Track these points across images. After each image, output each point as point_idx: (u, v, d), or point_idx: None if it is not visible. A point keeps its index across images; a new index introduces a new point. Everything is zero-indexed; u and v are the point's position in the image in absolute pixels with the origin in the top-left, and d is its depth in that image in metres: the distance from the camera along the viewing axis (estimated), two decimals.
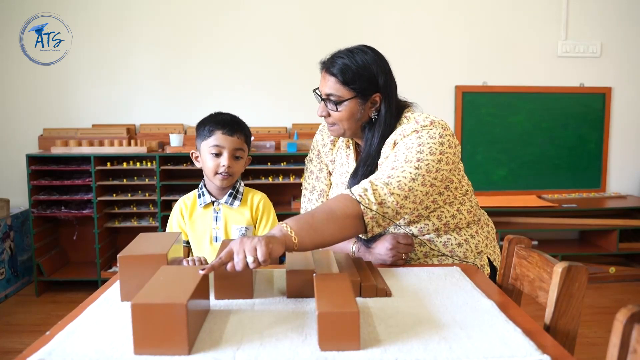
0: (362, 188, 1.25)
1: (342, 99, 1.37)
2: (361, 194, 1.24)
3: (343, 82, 1.36)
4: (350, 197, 1.24)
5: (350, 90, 1.37)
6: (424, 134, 1.33)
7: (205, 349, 0.86)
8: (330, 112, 1.41)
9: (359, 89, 1.37)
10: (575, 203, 3.50)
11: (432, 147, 1.31)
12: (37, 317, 2.88)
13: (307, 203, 1.61)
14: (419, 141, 1.32)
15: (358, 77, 1.37)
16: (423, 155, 1.30)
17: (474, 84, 3.66)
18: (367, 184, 1.26)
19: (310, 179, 1.63)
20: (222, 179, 1.52)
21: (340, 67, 1.37)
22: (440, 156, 1.32)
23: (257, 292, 1.13)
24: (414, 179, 1.27)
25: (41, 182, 3.18)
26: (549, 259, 1.12)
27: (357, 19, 3.55)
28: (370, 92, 1.39)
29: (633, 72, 3.73)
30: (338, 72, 1.37)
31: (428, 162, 1.30)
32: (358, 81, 1.37)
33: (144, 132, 3.49)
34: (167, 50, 3.52)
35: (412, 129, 1.35)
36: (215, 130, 1.51)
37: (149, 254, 1.07)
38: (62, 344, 0.89)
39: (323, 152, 1.60)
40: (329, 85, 1.38)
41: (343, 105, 1.38)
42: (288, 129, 3.60)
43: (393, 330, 0.93)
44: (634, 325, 0.73)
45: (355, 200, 1.23)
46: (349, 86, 1.37)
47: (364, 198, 1.23)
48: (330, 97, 1.38)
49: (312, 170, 1.63)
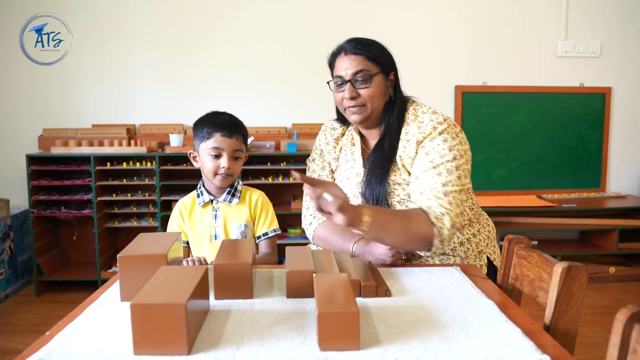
0: (439, 212, 1.31)
1: (372, 73, 1.41)
2: (438, 216, 1.30)
3: (371, 58, 1.41)
4: (428, 218, 1.30)
5: (377, 65, 1.42)
6: (447, 137, 1.38)
7: (205, 349, 0.86)
8: (359, 92, 1.41)
9: (383, 64, 1.43)
10: (575, 203, 3.50)
11: (459, 149, 1.39)
12: (37, 317, 2.88)
13: (309, 202, 1.61)
14: (448, 145, 1.37)
15: (380, 52, 1.43)
16: (458, 162, 1.37)
17: (473, 84, 3.66)
18: (443, 209, 1.31)
19: None
20: (221, 179, 1.54)
21: (366, 45, 1.42)
22: (467, 157, 1.40)
23: (257, 292, 1.13)
24: (461, 191, 1.36)
25: (41, 182, 3.18)
26: (548, 259, 1.12)
27: (357, 19, 3.54)
28: (389, 69, 1.46)
29: (633, 72, 3.73)
30: (365, 49, 1.41)
31: (462, 167, 1.37)
32: (381, 57, 1.43)
33: (144, 132, 3.49)
34: (167, 50, 3.52)
35: (432, 127, 1.39)
36: (214, 132, 1.52)
37: (149, 254, 1.07)
38: (62, 344, 0.89)
39: (326, 150, 1.61)
40: (356, 63, 1.40)
41: (374, 79, 1.41)
42: (288, 129, 3.60)
43: (393, 330, 0.93)
44: (634, 325, 0.73)
45: (431, 223, 1.29)
46: (376, 61, 1.42)
47: (440, 220, 1.30)
48: (359, 76, 1.40)
49: (314, 169, 1.64)
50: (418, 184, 1.38)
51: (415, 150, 1.41)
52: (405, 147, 1.43)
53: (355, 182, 1.52)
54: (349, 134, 1.59)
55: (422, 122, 1.42)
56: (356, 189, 1.50)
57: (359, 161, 1.53)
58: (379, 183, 1.43)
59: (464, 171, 1.38)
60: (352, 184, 1.52)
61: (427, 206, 1.33)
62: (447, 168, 1.36)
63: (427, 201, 1.34)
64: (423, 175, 1.37)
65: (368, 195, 1.45)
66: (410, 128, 1.43)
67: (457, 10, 3.61)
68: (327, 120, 1.67)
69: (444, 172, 1.35)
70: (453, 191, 1.35)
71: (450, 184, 1.35)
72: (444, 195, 1.33)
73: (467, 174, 1.39)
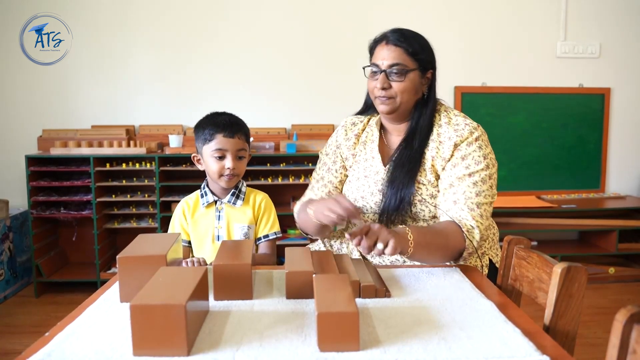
0: (470, 225, 1.34)
1: (408, 68, 1.41)
2: (469, 229, 1.33)
3: (411, 53, 1.41)
4: (460, 231, 1.33)
5: (415, 61, 1.42)
6: (482, 144, 1.41)
7: (205, 350, 0.86)
8: (391, 84, 1.41)
9: (421, 61, 1.43)
10: (575, 203, 3.50)
11: (491, 158, 1.42)
12: (36, 318, 2.87)
13: (309, 191, 1.63)
14: (482, 152, 1.40)
15: (422, 49, 1.43)
16: (490, 170, 1.40)
17: (473, 85, 3.66)
18: (475, 222, 1.34)
19: (322, 170, 1.63)
20: (227, 180, 1.54)
21: (409, 39, 1.41)
22: (496, 166, 1.43)
23: (257, 293, 1.13)
24: (491, 203, 1.40)
25: (40, 183, 3.17)
26: (548, 260, 1.12)
27: (356, 20, 3.54)
28: (428, 67, 1.46)
29: (632, 72, 3.73)
30: (407, 43, 1.41)
31: (494, 177, 1.41)
32: (422, 53, 1.43)
33: (144, 133, 3.49)
34: (166, 51, 3.52)
35: (469, 132, 1.41)
36: (216, 133, 1.52)
37: (149, 255, 1.07)
38: (61, 345, 0.89)
39: (345, 145, 1.59)
40: (394, 55, 1.40)
41: (409, 75, 1.41)
42: (287, 129, 3.60)
43: (392, 331, 0.93)
44: (633, 326, 0.73)
45: (463, 235, 1.32)
46: (415, 57, 1.41)
47: (471, 233, 1.33)
48: (394, 68, 1.40)
49: (326, 162, 1.63)
50: (452, 192, 1.39)
51: (450, 153, 1.41)
52: (439, 148, 1.43)
53: (374, 180, 1.50)
54: (369, 130, 1.58)
55: (457, 124, 1.43)
56: (374, 187, 1.49)
57: (378, 158, 1.52)
58: (405, 184, 1.42)
59: (494, 180, 1.41)
60: (371, 181, 1.50)
61: (458, 217, 1.34)
62: (481, 177, 1.38)
63: (459, 211, 1.35)
64: (458, 184, 1.38)
65: (390, 194, 1.43)
66: (444, 130, 1.44)
67: (456, 10, 3.61)
68: (347, 116, 1.65)
69: (479, 182, 1.37)
70: (485, 203, 1.37)
71: (482, 195, 1.37)
72: (477, 207, 1.36)
73: (496, 183, 1.42)
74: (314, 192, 1.61)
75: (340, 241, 1.59)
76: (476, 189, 1.37)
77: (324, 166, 1.62)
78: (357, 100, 1.69)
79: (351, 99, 1.98)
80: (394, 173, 1.44)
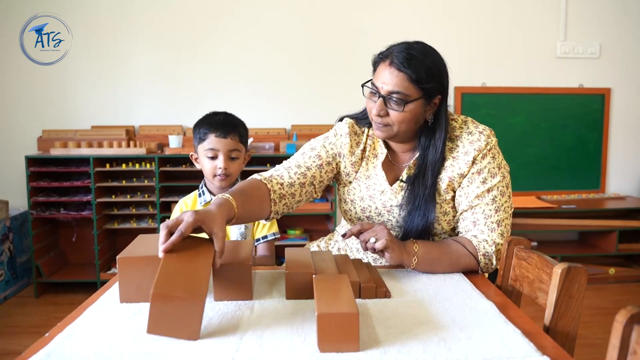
0: (489, 250, 1.29)
1: (409, 98, 1.26)
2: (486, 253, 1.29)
3: (415, 81, 1.24)
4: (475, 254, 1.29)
5: (419, 90, 1.26)
6: (495, 152, 1.34)
7: (205, 351, 0.86)
8: (389, 112, 1.28)
9: (427, 90, 1.27)
10: (575, 204, 3.50)
11: (505, 166, 1.36)
12: (36, 319, 2.87)
13: (287, 170, 1.37)
14: (497, 162, 1.34)
15: (430, 76, 1.26)
16: (506, 180, 1.34)
17: (473, 85, 3.66)
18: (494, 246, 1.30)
19: (305, 157, 1.40)
20: (220, 180, 1.55)
21: (415, 64, 1.24)
22: (509, 173, 1.37)
23: (257, 294, 1.13)
24: (510, 216, 1.35)
25: (40, 184, 3.17)
26: (548, 260, 1.12)
27: (356, 21, 3.55)
28: (435, 93, 1.30)
29: (632, 72, 3.73)
30: (411, 69, 1.24)
31: (509, 186, 1.35)
32: (428, 81, 1.26)
33: (143, 134, 3.49)
34: (166, 51, 3.52)
35: (485, 142, 1.33)
36: (210, 133, 1.53)
37: (148, 256, 1.07)
38: (61, 345, 0.89)
39: (350, 160, 1.42)
40: (396, 82, 1.25)
41: (409, 105, 1.26)
42: (287, 130, 3.60)
43: (392, 332, 0.93)
44: (633, 327, 0.73)
45: (477, 261, 1.30)
46: (419, 85, 1.25)
47: (486, 257, 1.30)
48: (394, 96, 1.26)
49: (321, 155, 1.41)
50: (471, 212, 1.32)
51: (468, 168, 1.32)
52: (453, 165, 1.33)
53: (380, 201, 1.39)
54: (370, 143, 1.43)
55: (471, 133, 1.34)
56: (382, 208, 1.40)
57: (382, 176, 1.39)
58: (424, 216, 1.32)
59: (510, 187, 1.36)
60: (378, 202, 1.40)
61: (477, 240, 1.30)
62: (499, 190, 1.32)
63: (479, 234, 1.31)
64: (477, 203, 1.31)
65: (408, 226, 1.34)
66: (457, 144, 1.34)
67: (456, 11, 3.61)
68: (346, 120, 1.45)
69: (497, 196, 1.32)
70: (505, 218, 1.32)
71: (502, 209, 1.32)
72: (497, 227, 1.31)
73: (511, 189, 1.36)
74: (285, 170, 1.37)
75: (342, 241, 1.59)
76: (495, 205, 1.31)
77: (318, 160, 1.40)
78: (357, 100, 1.69)
79: (351, 99, 1.98)
80: (412, 204, 1.34)
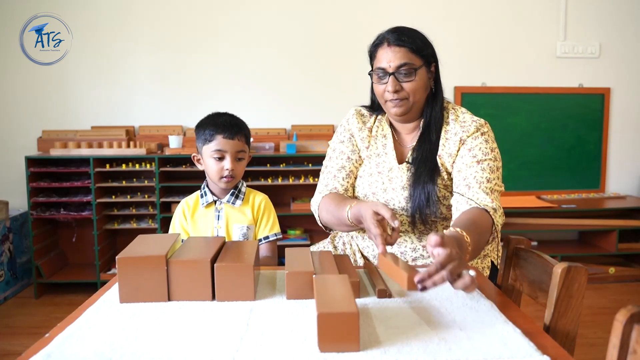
0: (492, 207, 1.31)
1: (416, 66, 1.38)
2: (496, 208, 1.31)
3: (415, 50, 1.38)
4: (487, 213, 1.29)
5: (420, 58, 1.39)
6: (488, 138, 1.41)
7: (204, 351, 0.86)
8: (402, 85, 1.38)
9: (426, 57, 1.40)
10: (575, 203, 3.50)
11: (498, 152, 1.42)
12: (36, 319, 2.87)
13: (333, 180, 1.50)
14: (489, 145, 1.40)
15: (425, 44, 1.41)
16: (497, 163, 1.40)
17: (473, 85, 3.66)
18: (495, 204, 1.32)
19: (340, 159, 1.53)
20: (226, 181, 1.55)
21: (410, 37, 1.38)
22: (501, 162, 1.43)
23: (257, 293, 1.13)
24: (501, 193, 1.39)
25: (40, 184, 3.17)
26: (548, 260, 1.12)
27: (356, 20, 3.55)
28: (432, 60, 1.43)
29: (632, 72, 3.73)
30: (409, 41, 1.37)
31: (500, 170, 1.41)
32: (425, 49, 1.40)
33: (143, 134, 3.49)
34: (166, 51, 3.52)
35: (476, 128, 1.40)
36: (216, 134, 1.52)
37: (148, 256, 1.07)
38: (61, 346, 0.89)
39: (359, 136, 1.52)
40: (400, 56, 1.37)
41: (418, 73, 1.38)
42: (287, 130, 3.60)
43: (393, 332, 0.93)
44: (633, 326, 0.73)
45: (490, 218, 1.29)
46: (419, 53, 1.39)
47: (496, 213, 1.31)
48: (403, 69, 1.37)
49: (343, 150, 1.53)
50: (462, 177, 1.36)
51: (457, 148, 1.40)
52: (445, 145, 1.42)
53: (387, 177, 1.47)
54: (379, 125, 1.53)
55: (464, 121, 1.42)
56: (388, 184, 1.46)
57: (392, 155, 1.48)
58: (429, 180, 1.39)
59: (501, 174, 1.40)
60: (385, 178, 1.47)
61: (477, 199, 1.31)
62: (490, 166, 1.37)
63: (476, 194, 1.32)
64: (467, 169, 1.36)
65: (416, 194, 1.39)
66: (451, 127, 1.43)
67: (456, 10, 3.61)
68: (355, 106, 1.59)
69: (487, 169, 1.36)
70: (496, 190, 1.36)
71: (493, 182, 1.36)
72: (491, 192, 1.34)
73: (502, 178, 1.41)
74: (337, 181, 1.50)
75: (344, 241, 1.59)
76: (486, 175, 1.35)
77: (342, 155, 1.52)
78: (357, 100, 1.69)
79: (351, 99, 1.97)
80: (418, 170, 1.41)
